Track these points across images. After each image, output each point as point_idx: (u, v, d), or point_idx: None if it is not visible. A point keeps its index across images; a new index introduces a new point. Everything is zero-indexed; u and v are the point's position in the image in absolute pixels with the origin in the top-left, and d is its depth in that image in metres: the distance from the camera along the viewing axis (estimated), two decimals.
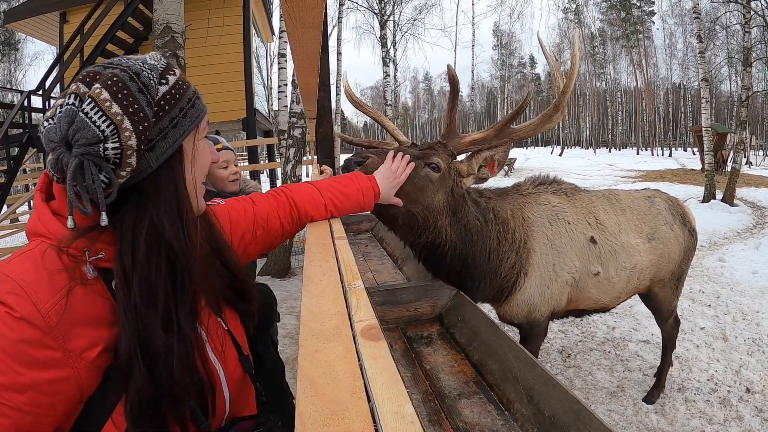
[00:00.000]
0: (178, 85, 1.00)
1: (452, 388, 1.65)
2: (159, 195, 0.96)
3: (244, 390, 1.17)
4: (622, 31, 49.57)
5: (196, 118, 1.04)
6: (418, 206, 2.06)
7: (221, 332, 1.11)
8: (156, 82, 0.96)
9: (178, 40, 4.41)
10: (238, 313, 1.22)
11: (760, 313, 5.67)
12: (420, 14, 28.19)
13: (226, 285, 1.18)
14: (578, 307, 3.01)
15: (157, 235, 0.93)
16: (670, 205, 3.43)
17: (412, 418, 0.59)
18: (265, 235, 1.44)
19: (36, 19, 11.79)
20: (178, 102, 0.99)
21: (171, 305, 0.93)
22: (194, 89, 1.06)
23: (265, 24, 16.63)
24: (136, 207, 0.94)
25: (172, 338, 0.91)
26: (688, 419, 3.67)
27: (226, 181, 2.62)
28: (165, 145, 0.97)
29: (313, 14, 1.95)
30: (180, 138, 1.00)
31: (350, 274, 1.10)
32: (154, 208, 0.94)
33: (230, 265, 1.20)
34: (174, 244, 0.95)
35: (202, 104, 1.07)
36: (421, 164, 2.04)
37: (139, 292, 0.89)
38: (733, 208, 12.46)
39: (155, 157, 0.95)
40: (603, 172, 25.35)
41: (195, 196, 1.07)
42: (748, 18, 13.19)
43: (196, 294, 1.01)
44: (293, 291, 6.78)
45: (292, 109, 8.15)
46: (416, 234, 2.17)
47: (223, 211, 1.36)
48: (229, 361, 1.10)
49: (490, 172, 2.28)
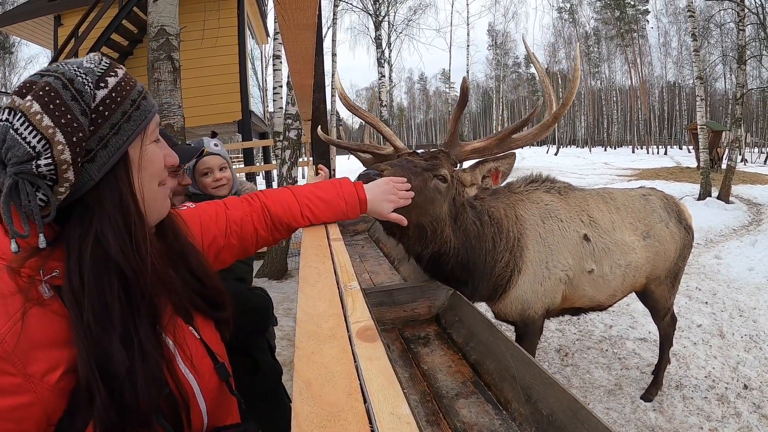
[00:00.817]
0: (119, 87, 0.94)
1: (450, 388, 1.65)
2: (103, 208, 0.90)
3: (224, 399, 1.12)
4: (617, 30, 49.71)
5: (142, 120, 0.97)
6: (427, 218, 2.07)
7: (193, 342, 1.06)
8: (92, 87, 0.89)
9: (172, 43, 4.40)
10: (210, 320, 1.16)
11: (757, 310, 5.69)
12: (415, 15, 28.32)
13: (194, 292, 1.11)
14: (574, 305, 3.01)
15: (103, 251, 0.88)
16: (666, 203, 3.44)
17: (408, 418, 0.59)
18: (239, 240, 1.39)
19: (30, 22, 11.75)
20: (120, 105, 0.92)
21: (128, 322, 0.88)
22: (140, 89, 0.99)
23: (260, 25, 16.62)
24: (80, 222, 0.89)
25: (133, 356, 0.86)
26: (686, 416, 3.68)
27: (209, 188, 2.48)
28: (106, 154, 0.90)
29: (306, 16, 1.95)
30: (123, 145, 0.93)
31: (346, 276, 1.10)
32: (98, 222, 0.89)
33: (197, 272, 1.13)
34: (120, 259, 0.89)
35: (150, 104, 1.00)
36: (430, 176, 2.04)
37: (91, 312, 0.84)
38: (729, 205, 12.49)
39: (97, 168, 0.89)
40: (599, 171, 25.39)
41: (150, 204, 1.00)
42: (742, 16, 13.23)
43: (158, 306, 0.96)
44: (290, 293, 6.77)
45: (287, 110, 8.15)
46: (424, 245, 2.17)
47: (192, 215, 1.31)
48: (203, 372, 1.05)
49: (494, 183, 2.27)
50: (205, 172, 2.48)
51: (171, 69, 4.41)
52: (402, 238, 2.13)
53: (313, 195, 1.51)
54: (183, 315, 1.06)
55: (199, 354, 1.06)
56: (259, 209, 1.43)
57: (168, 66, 4.40)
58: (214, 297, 1.16)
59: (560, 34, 52.73)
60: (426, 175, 2.01)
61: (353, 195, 1.55)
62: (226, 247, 1.36)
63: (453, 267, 2.32)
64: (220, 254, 1.35)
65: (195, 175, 2.47)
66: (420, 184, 1.95)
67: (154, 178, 1.01)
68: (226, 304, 1.19)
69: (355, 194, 1.56)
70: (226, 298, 1.19)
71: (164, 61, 4.38)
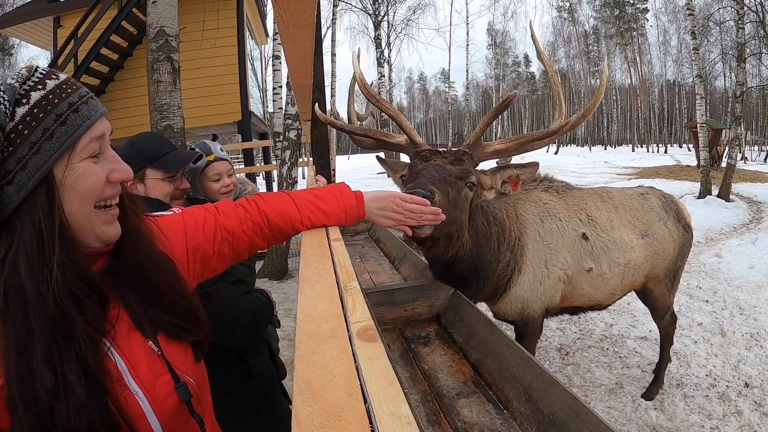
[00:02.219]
0: (45, 101, 0.87)
1: (451, 387, 1.65)
2: (22, 232, 0.86)
3: (188, 420, 1.06)
4: (616, 28, 49.70)
5: (68, 137, 0.89)
6: (455, 226, 2.08)
7: (150, 358, 1.00)
8: (9, 105, 0.84)
9: (172, 44, 4.41)
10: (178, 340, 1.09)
11: (758, 308, 5.69)
12: (414, 14, 28.31)
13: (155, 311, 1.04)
14: (573, 304, 3.01)
15: (18, 278, 0.84)
16: (664, 201, 3.44)
17: (409, 419, 0.59)
18: (231, 249, 1.32)
19: (30, 24, 11.75)
20: (41, 122, 0.86)
21: (52, 351, 0.83)
22: (74, 99, 0.92)
23: (259, 26, 16.62)
24: (3, 244, 0.86)
25: (56, 381, 0.82)
26: (687, 415, 3.68)
27: (218, 194, 2.44)
28: (26, 175, 0.85)
29: (305, 15, 1.95)
30: (46, 164, 0.87)
31: (346, 276, 1.10)
32: (15, 247, 0.85)
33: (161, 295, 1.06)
34: (29, 290, 0.84)
35: (84, 116, 0.92)
36: (462, 185, 2.03)
37: (13, 334, 0.82)
38: (729, 203, 12.49)
39: (15, 191, 0.85)
40: (599, 170, 25.39)
41: (83, 226, 0.94)
42: (741, 14, 13.23)
43: (85, 332, 0.89)
44: (291, 293, 6.77)
45: (287, 111, 8.15)
46: (446, 249, 2.18)
47: (175, 222, 1.24)
48: (158, 391, 0.99)
49: (513, 189, 2.26)
50: (216, 179, 2.44)
51: (170, 70, 4.42)
52: (432, 247, 2.14)
53: (314, 206, 1.43)
54: (141, 330, 1.01)
55: (155, 371, 1.00)
56: (256, 216, 1.36)
57: (167, 67, 4.40)
58: (181, 320, 1.08)
59: (560, 33, 52.77)
60: (459, 184, 2.00)
61: (354, 208, 1.48)
62: (217, 255, 1.29)
63: (463, 269, 2.32)
64: (209, 262, 1.29)
65: (202, 180, 2.43)
66: (455, 195, 1.95)
67: (85, 198, 0.93)
68: (196, 328, 1.12)
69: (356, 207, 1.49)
70: (197, 321, 1.13)
71: (164, 62, 4.38)
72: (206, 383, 1.17)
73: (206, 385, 1.17)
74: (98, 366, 0.89)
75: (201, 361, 1.15)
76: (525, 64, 66.22)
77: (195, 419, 1.06)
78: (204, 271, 1.29)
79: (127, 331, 0.99)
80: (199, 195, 2.46)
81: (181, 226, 1.23)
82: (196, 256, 1.24)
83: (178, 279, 1.12)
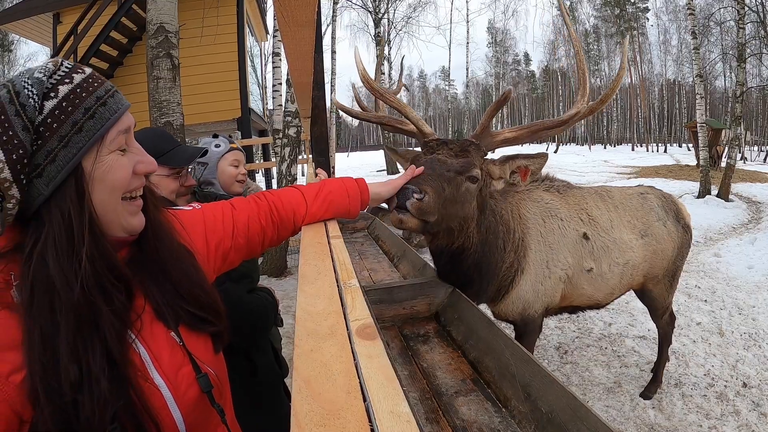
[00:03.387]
0: (73, 95, 0.88)
1: (449, 385, 1.65)
2: (51, 224, 0.87)
3: (208, 411, 1.07)
4: (617, 27, 49.68)
5: (97, 129, 0.91)
6: (456, 220, 2.06)
7: (173, 349, 1.02)
8: (38, 99, 0.85)
9: (171, 40, 4.40)
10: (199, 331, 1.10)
11: (756, 308, 5.70)
12: (414, 12, 28.24)
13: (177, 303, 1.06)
14: (572, 303, 3.01)
15: (46, 270, 0.85)
16: (663, 201, 3.43)
17: (408, 417, 0.58)
18: (246, 241, 1.34)
19: (29, 20, 11.72)
20: (70, 115, 0.87)
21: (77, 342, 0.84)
22: (101, 93, 0.93)
23: (259, 23, 16.60)
24: (31, 236, 0.87)
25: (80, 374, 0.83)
26: (685, 414, 3.68)
27: (234, 179, 2.56)
28: (55, 168, 0.86)
29: (306, 12, 1.94)
30: (74, 157, 0.88)
31: (345, 273, 1.09)
32: (44, 238, 0.86)
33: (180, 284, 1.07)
34: (58, 281, 0.85)
35: (112, 110, 0.94)
36: (462, 180, 2.01)
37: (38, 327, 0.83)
38: (729, 203, 12.50)
39: (45, 183, 0.86)
40: (598, 169, 25.38)
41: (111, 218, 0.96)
42: (742, 14, 13.22)
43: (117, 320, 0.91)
44: (290, 290, 6.77)
45: (286, 108, 8.15)
46: (450, 240, 2.17)
47: (195, 217, 1.26)
48: (179, 381, 1.00)
49: (522, 180, 2.25)
50: (236, 164, 2.59)
51: (170, 66, 4.41)
52: (434, 237, 2.15)
53: (323, 200, 1.50)
54: (164, 321, 1.02)
55: (177, 362, 1.01)
56: (266, 208, 1.40)
57: (167, 63, 4.39)
58: (202, 311, 1.10)
59: (560, 32, 52.70)
60: (459, 180, 1.99)
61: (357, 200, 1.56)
62: (234, 248, 1.31)
63: (469, 265, 2.30)
64: (227, 256, 1.31)
65: (222, 164, 2.55)
66: (452, 191, 1.94)
67: (113, 190, 0.96)
68: (217, 319, 1.14)
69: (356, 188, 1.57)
70: (217, 312, 1.14)
71: (163, 59, 4.38)
72: (226, 375, 1.19)
73: (226, 377, 1.19)
74: (123, 357, 0.90)
75: (221, 352, 1.17)
76: (525, 63, 66.23)
77: (216, 410, 1.07)
78: (222, 265, 1.31)
79: (150, 322, 1.00)
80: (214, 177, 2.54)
81: (201, 221, 1.26)
82: (217, 251, 1.27)
83: (198, 271, 1.14)
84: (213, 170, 2.53)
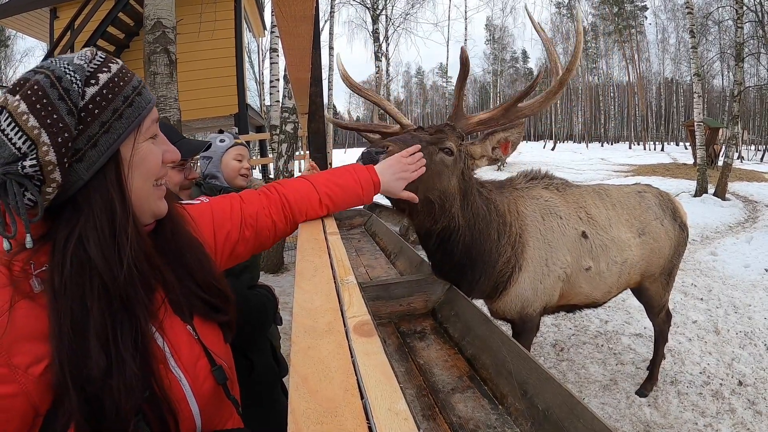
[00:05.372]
0: (111, 83, 0.91)
1: (446, 382, 1.65)
2: (90, 209, 0.88)
3: (221, 403, 1.08)
4: (615, 26, 49.69)
5: (135, 117, 0.94)
6: (435, 192, 2.04)
7: (189, 342, 1.03)
8: (80, 84, 0.86)
9: (169, 36, 4.39)
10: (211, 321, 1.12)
11: (752, 307, 5.72)
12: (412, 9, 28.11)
13: (192, 293, 1.07)
14: (570, 302, 3.01)
15: (85, 253, 0.86)
16: (661, 200, 3.44)
17: (406, 414, 0.58)
18: (255, 234, 1.34)
19: (26, 15, 11.66)
20: (111, 102, 0.90)
21: (107, 326, 0.85)
22: (136, 84, 0.96)
23: (256, 18, 16.56)
24: (68, 221, 0.87)
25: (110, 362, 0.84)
26: (681, 412, 3.70)
27: (237, 173, 2.62)
28: (96, 153, 0.88)
29: (303, 7, 1.93)
30: (115, 143, 0.91)
31: (343, 270, 1.09)
32: (84, 223, 0.87)
33: (194, 272, 1.09)
34: (100, 265, 0.86)
35: (146, 100, 0.97)
36: (435, 149, 2.00)
37: (69, 313, 0.83)
38: (725, 202, 12.54)
39: (85, 168, 0.88)
40: (595, 167, 25.41)
41: (143, 203, 0.99)
42: (740, 13, 13.23)
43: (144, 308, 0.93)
44: (286, 287, 6.77)
45: (284, 104, 8.12)
46: (433, 220, 2.14)
47: (204, 210, 1.27)
48: (197, 374, 1.01)
49: (503, 153, 2.25)
50: (239, 159, 2.65)
51: (167, 62, 4.39)
52: (411, 213, 2.10)
53: (332, 183, 1.50)
54: (180, 314, 1.03)
55: (195, 355, 1.02)
56: (277, 201, 1.40)
57: (164, 59, 4.38)
58: (214, 299, 1.12)
59: (558, 30, 52.66)
60: (431, 149, 1.98)
61: (368, 180, 1.56)
62: (242, 241, 1.32)
63: (460, 251, 2.29)
64: (235, 248, 1.32)
65: (226, 158, 2.62)
66: (425, 157, 1.93)
67: (148, 177, 0.99)
68: (227, 308, 1.16)
69: (369, 178, 1.56)
70: (228, 301, 1.16)
71: (160, 54, 4.36)
72: (234, 367, 1.20)
73: (234, 369, 1.19)
74: (148, 347, 0.91)
75: (228, 344, 1.19)
76: (523, 60, 66.21)
77: (231, 401, 1.10)
78: (230, 259, 1.32)
79: (170, 314, 1.01)
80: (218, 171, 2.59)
81: (209, 214, 1.27)
82: (225, 244, 1.28)
83: (209, 260, 1.17)
84: (217, 164, 2.59)
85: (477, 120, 2.22)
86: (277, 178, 7.97)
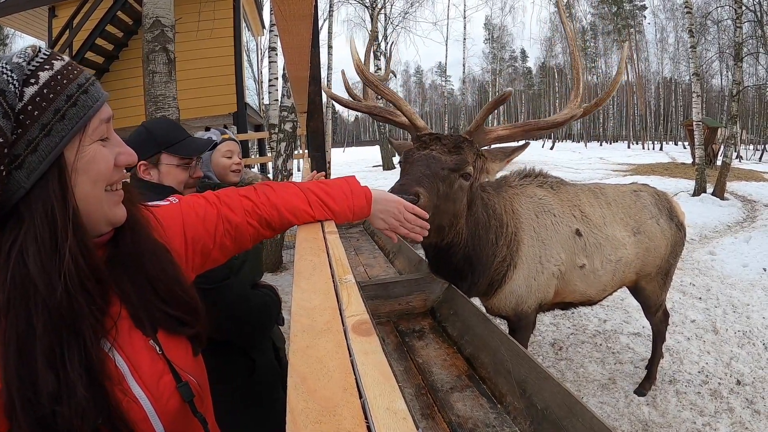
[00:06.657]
0: (54, 81, 0.83)
1: (445, 381, 1.65)
2: (32, 220, 0.81)
3: (189, 421, 1.02)
4: (614, 25, 49.69)
5: (80, 118, 0.86)
6: (447, 217, 2.07)
7: (152, 358, 0.96)
8: (18, 84, 0.79)
9: (167, 34, 4.38)
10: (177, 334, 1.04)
11: (751, 306, 5.72)
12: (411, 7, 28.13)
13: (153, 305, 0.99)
14: (565, 299, 3.02)
15: (25, 269, 0.80)
16: (657, 199, 3.44)
17: (404, 414, 0.58)
18: (233, 241, 1.27)
19: (25, 13, 11.60)
20: (52, 102, 0.82)
21: (54, 349, 0.79)
22: (82, 81, 0.88)
23: (255, 17, 16.52)
24: (9, 234, 0.81)
25: (58, 383, 0.78)
26: (679, 411, 3.70)
27: (228, 170, 2.60)
28: (36, 159, 0.81)
29: (303, 6, 1.93)
30: (57, 147, 0.83)
31: (341, 269, 1.09)
32: (24, 235, 0.81)
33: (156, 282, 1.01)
34: (37, 279, 0.80)
35: (94, 97, 0.89)
36: (456, 177, 2.03)
37: (14, 332, 0.78)
38: (724, 201, 12.53)
39: (26, 175, 0.80)
40: (594, 166, 25.39)
41: (94, 211, 0.91)
42: (739, 13, 13.23)
43: (92, 325, 0.86)
44: (285, 286, 6.75)
45: (282, 103, 8.11)
46: (441, 238, 2.18)
47: (173, 212, 1.19)
48: (160, 392, 0.95)
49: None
50: (229, 155, 2.63)
51: (166, 61, 4.39)
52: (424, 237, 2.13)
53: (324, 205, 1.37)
54: (141, 328, 0.96)
55: (158, 371, 0.96)
56: (264, 209, 1.30)
57: (163, 58, 4.37)
58: (178, 311, 1.04)
59: (557, 29, 52.68)
60: (452, 177, 2.00)
61: (362, 209, 1.42)
62: (218, 248, 1.24)
63: (459, 259, 2.31)
64: (210, 254, 1.23)
65: (215, 155, 2.60)
66: (446, 189, 1.94)
67: (98, 182, 0.90)
68: (194, 319, 1.07)
69: (364, 207, 1.43)
70: (195, 312, 1.08)
71: (159, 53, 4.35)
72: (206, 380, 1.14)
73: (206, 383, 1.13)
74: (101, 367, 0.85)
75: (200, 356, 1.12)
76: (522, 59, 66.23)
77: (198, 419, 1.03)
78: (204, 263, 1.25)
79: (128, 329, 0.95)
80: (209, 171, 2.57)
81: (178, 216, 1.18)
82: (195, 248, 1.20)
83: (175, 267, 1.08)
84: (207, 163, 2.56)
85: (495, 136, 2.23)
86: (276, 178, 7.97)
